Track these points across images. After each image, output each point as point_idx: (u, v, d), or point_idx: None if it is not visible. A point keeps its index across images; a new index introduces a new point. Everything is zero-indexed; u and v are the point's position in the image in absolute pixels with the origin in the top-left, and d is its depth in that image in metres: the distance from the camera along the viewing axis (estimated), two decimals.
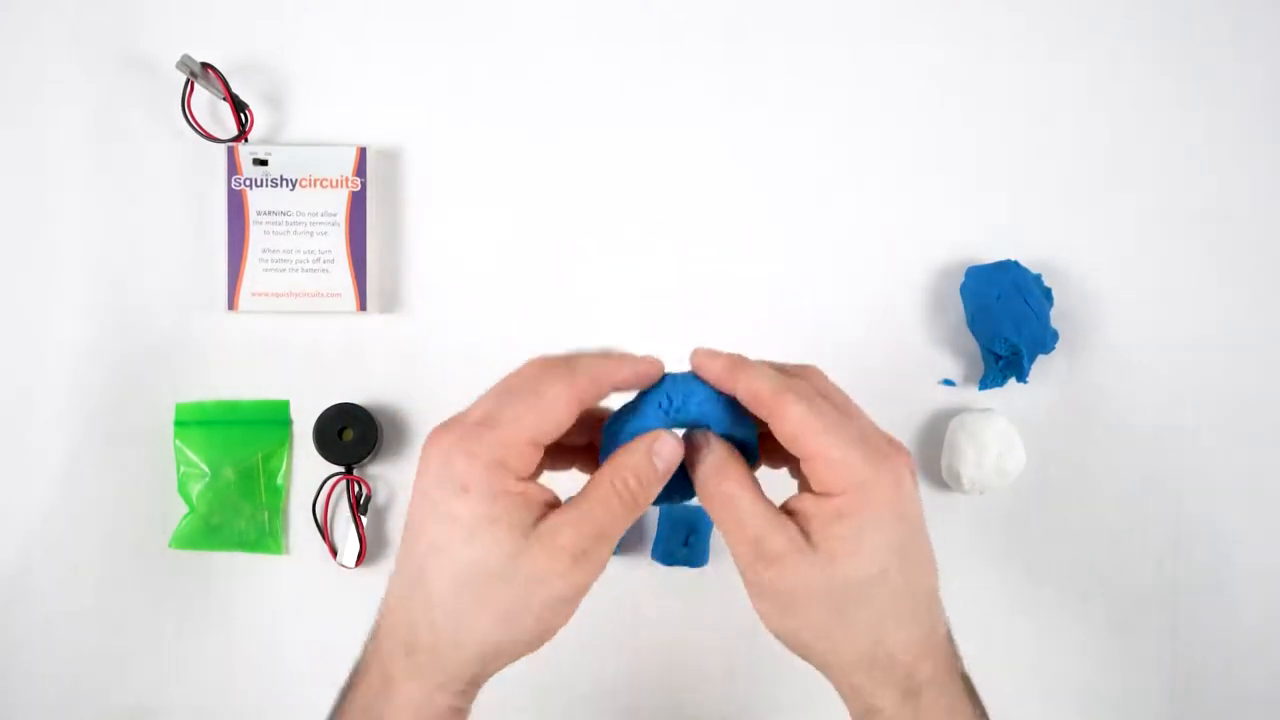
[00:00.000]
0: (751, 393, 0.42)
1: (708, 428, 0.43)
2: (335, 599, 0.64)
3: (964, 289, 0.63)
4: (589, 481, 0.43)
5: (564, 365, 0.43)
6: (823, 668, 0.45)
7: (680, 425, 0.44)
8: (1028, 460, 0.63)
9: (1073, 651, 0.64)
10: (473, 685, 0.43)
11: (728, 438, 0.43)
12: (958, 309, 0.64)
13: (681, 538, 0.63)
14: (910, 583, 0.42)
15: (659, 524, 0.63)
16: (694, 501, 0.45)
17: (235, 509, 0.64)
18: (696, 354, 0.44)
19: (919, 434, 0.65)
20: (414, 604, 0.42)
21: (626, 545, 0.64)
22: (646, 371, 0.44)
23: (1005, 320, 0.61)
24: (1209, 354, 0.64)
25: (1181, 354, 0.64)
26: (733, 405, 0.43)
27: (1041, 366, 0.63)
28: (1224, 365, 0.64)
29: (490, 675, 0.44)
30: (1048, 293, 0.63)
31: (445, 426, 0.42)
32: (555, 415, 0.41)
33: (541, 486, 0.42)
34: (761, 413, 0.42)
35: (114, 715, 0.64)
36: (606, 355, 0.43)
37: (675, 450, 0.43)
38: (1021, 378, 0.62)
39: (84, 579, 0.64)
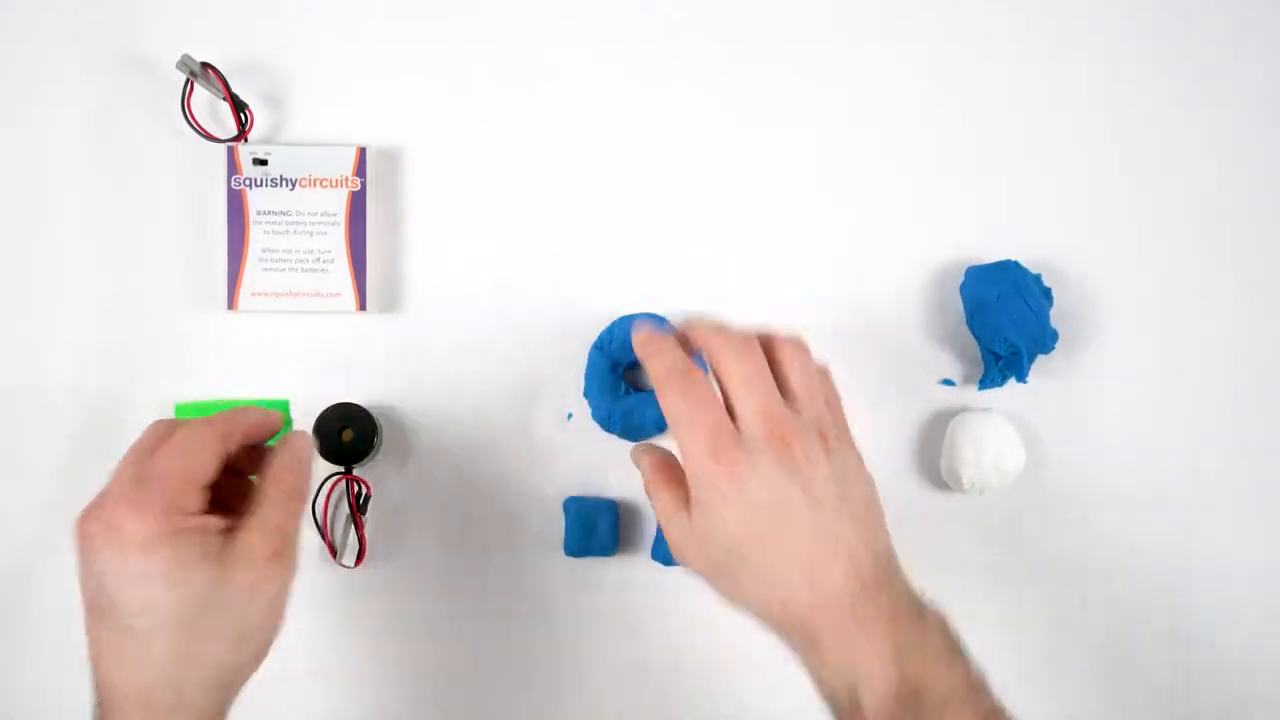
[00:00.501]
0: (651, 374, 0.49)
1: None
2: (335, 599, 0.64)
3: (964, 289, 0.63)
4: (254, 492, 0.48)
5: (193, 420, 0.48)
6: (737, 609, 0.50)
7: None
8: (1028, 460, 0.63)
9: (1073, 651, 0.64)
10: (224, 709, 0.47)
11: None
12: (958, 309, 0.64)
13: None
14: (772, 554, 0.47)
15: (659, 524, 0.63)
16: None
17: None
18: (634, 323, 0.52)
19: (919, 434, 0.65)
20: (141, 668, 0.44)
21: (626, 545, 0.64)
22: (267, 423, 0.51)
23: (1005, 320, 0.61)
24: (1209, 354, 0.64)
25: (1181, 354, 0.64)
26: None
27: (1041, 366, 0.63)
28: (1224, 365, 0.64)
29: (237, 693, 0.47)
30: (1048, 293, 0.63)
31: (91, 510, 0.45)
32: (206, 457, 0.46)
33: (216, 517, 0.46)
34: (657, 394, 0.49)
35: None
36: (237, 409, 0.50)
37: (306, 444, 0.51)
38: (1021, 378, 0.62)
39: None
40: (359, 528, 0.62)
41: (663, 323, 0.62)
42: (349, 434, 0.62)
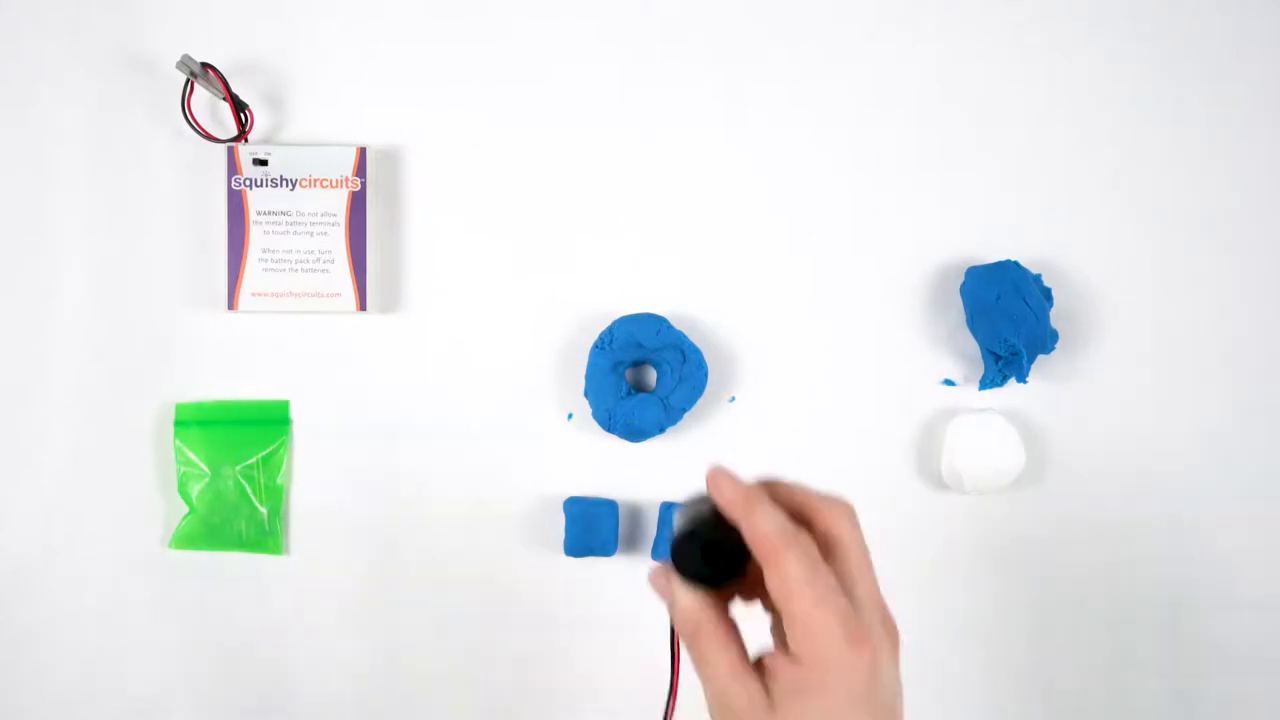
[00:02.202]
0: (756, 536, 0.41)
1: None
2: (335, 599, 0.64)
3: (964, 289, 0.63)
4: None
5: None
6: None
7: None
8: (1028, 460, 0.63)
9: (1073, 651, 0.64)
10: None
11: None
12: (958, 309, 0.64)
13: None
14: None
15: (659, 524, 0.63)
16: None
17: (235, 509, 0.64)
18: (712, 473, 0.43)
19: (919, 434, 0.65)
20: None
21: (626, 545, 0.64)
22: None
23: (1005, 320, 0.61)
24: (1208, 353, 0.65)
25: (1181, 354, 0.64)
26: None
27: (1041, 366, 0.63)
28: (1223, 364, 0.64)
29: None
30: (1048, 293, 0.63)
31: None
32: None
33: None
34: (760, 557, 0.41)
35: (114, 715, 0.64)
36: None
37: None
38: (1021, 378, 0.62)
39: (84, 579, 0.64)
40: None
41: (662, 323, 0.62)
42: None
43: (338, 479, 0.64)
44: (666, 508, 0.63)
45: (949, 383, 0.64)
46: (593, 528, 0.63)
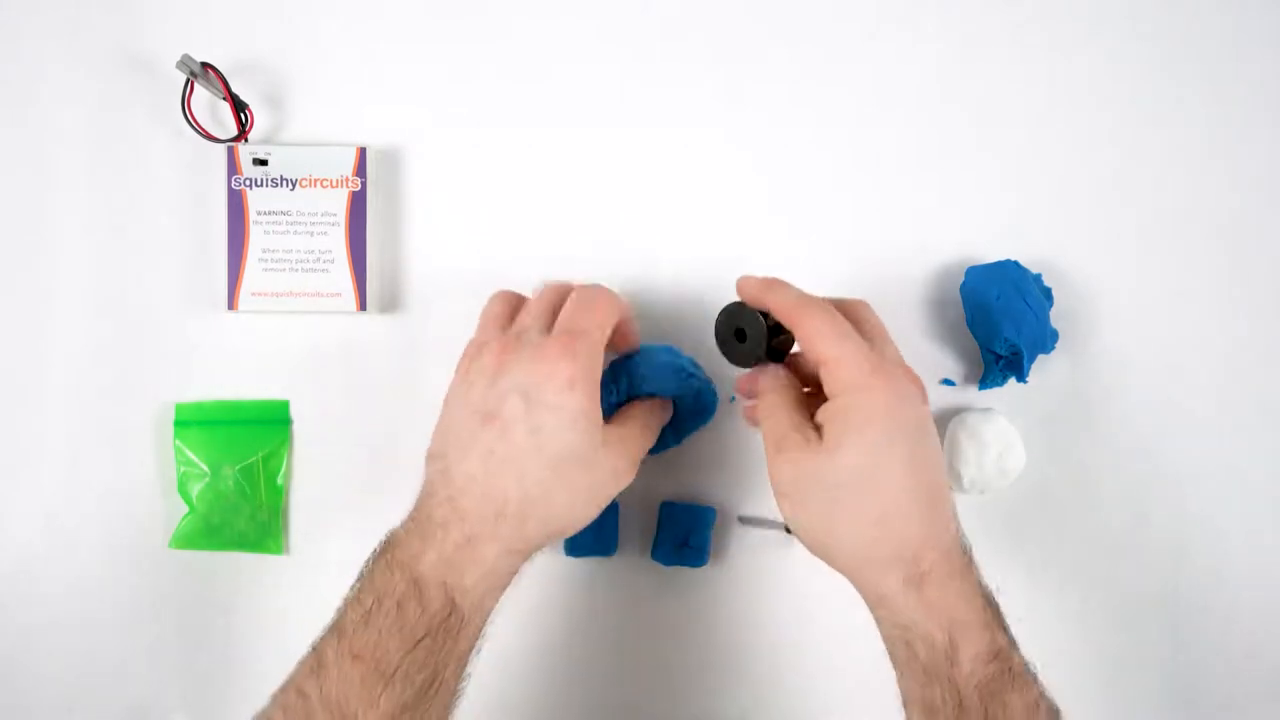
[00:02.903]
0: (779, 305, 0.50)
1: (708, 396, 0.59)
2: (335, 599, 0.64)
3: (964, 289, 0.63)
4: (633, 410, 0.55)
5: (603, 288, 0.54)
6: (835, 561, 0.49)
7: (685, 392, 0.58)
8: (1028, 460, 0.63)
9: (1073, 651, 0.64)
10: (535, 551, 0.52)
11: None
12: (958, 309, 0.64)
13: (681, 538, 0.63)
14: (911, 480, 0.47)
15: (659, 524, 0.63)
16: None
17: (235, 509, 0.64)
18: (741, 280, 0.53)
19: None
20: (506, 477, 0.49)
21: (626, 545, 0.64)
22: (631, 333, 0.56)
23: (1005, 320, 0.61)
24: (1209, 353, 0.65)
25: (1181, 354, 0.64)
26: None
27: (1041, 366, 0.63)
28: (1224, 365, 0.64)
29: (549, 545, 0.52)
30: (1048, 293, 0.63)
31: (529, 341, 0.51)
32: (613, 315, 0.52)
33: None
34: (788, 323, 0.50)
35: (114, 715, 0.64)
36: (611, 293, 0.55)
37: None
38: (1021, 378, 0.62)
39: (84, 579, 0.64)
40: None
41: (676, 353, 0.60)
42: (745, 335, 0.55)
43: (338, 479, 0.64)
44: (667, 508, 0.63)
45: (949, 383, 0.64)
46: (593, 527, 0.62)
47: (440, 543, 0.49)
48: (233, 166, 0.62)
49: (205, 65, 0.61)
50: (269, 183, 0.62)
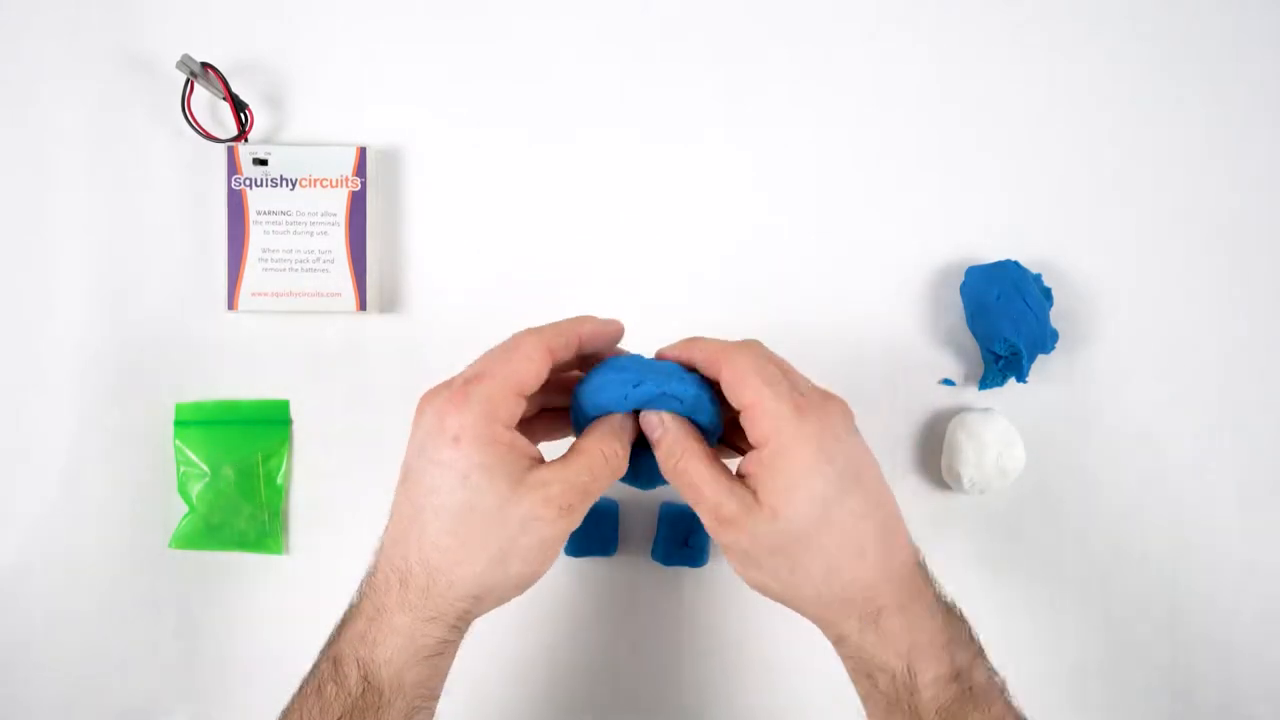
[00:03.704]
0: (703, 354, 0.48)
1: (667, 404, 0.48)
2: (335, 599, 0.64)
3: (964, 289, 0.63)
4: (575, 445, 0.48)
5: (535, 326, 0.48)
6: (793, 607, 0.48)
7: (640, 403, 0.48)
8: (1028, 460, 0.63)
9: (1072, 651, 0.64)
10: (462, 621, 0.47)
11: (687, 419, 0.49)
12: (958, 309, 0.64)
13: (681, 538, 0.63)
14: (859, 524, 0.45)
15: (659, 524, 0.63)
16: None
17: (235, 509, 0.64)
18: (660, 351, 0.50)
19: (919, 434, 0.65)
20: (409, 543, 0.46)
21: (626, 545, 0.64)
22: (607, 331, 0.50)
23: (1005, 320, 0.61)
24: (1208, 354, 0.65)
25: (1181, 354, 0.64)
26: (693, 386, 0.48)
27: (1041, 366, 0.63)
28: (1223, 365, 0.64)
29: (480, 614, 0.48)
30: (1048, 293, 0.63)
31: (435, 389, 0.47)
32: (531, 365, 0.46)
33: (527, 441, 0.46)
34: (712, 370, 0.47)
35: (114, 715, 0.64)
36: (574, 317, 0.49)
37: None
38: (1021, 378, 0.62)
39: (84, 579, 0.64)
40: None
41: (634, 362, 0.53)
42: None
43: (338, 479, 0.64)
44: (666, 508, 0.63)
45: (949, 382, 0.64)
46: (593, 528, 0.63)
47: (355, 618, 0.47)
48: (233, 166, 0.62)
49: (205, 65, 0.61)
50: (269, 183, 0.62)
